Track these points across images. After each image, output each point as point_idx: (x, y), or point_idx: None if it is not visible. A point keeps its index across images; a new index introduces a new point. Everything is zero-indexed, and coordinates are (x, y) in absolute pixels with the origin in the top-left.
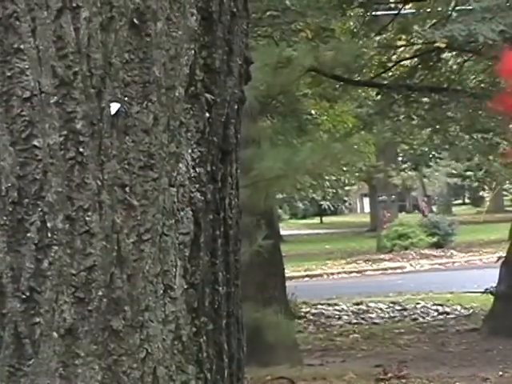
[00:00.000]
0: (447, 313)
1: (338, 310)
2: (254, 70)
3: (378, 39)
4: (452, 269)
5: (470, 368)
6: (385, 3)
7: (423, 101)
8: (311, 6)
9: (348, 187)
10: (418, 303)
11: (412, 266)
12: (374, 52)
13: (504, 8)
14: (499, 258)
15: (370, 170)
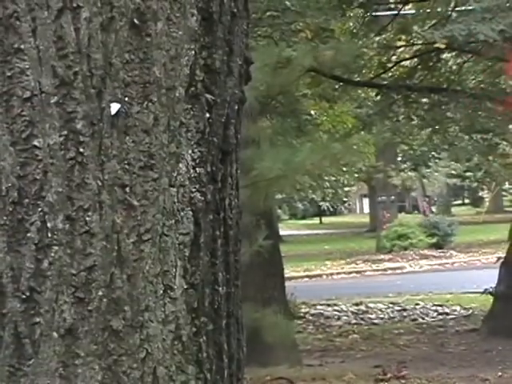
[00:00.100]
0: (447, 313)
1: (337, 310)
2: (253, 71)
3: (377, 40)
4: (451, 269)
5: (469, 368)
6: (384, 4)
7: (423, 101)
8: (311, 7)
9: (347, 188)
10: (417, 304)
11: (411, 266)
12: (373, 52)
13: (504, 8)
14: (498, 258)
15: (369, 170)
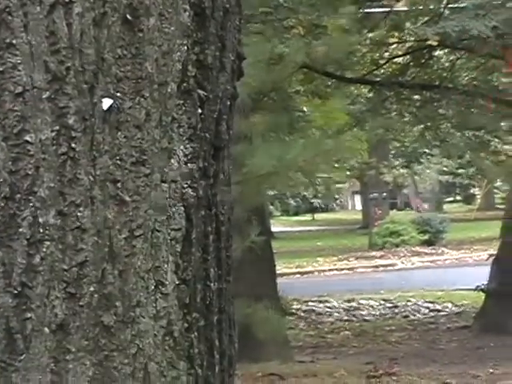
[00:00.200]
0: (438, 310)
1: (329, 307)
2: (246, 67)
3: (370, 36)
4: (443, 266)
5: (460, 365)
6: (377, 0)
7: (415, 98)
8: (303, 3)
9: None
10: (409, 300)
11: (403, 263)
12: (366, 49)
13: (496, 5)
14: (490, 255)
15: (361, 167)
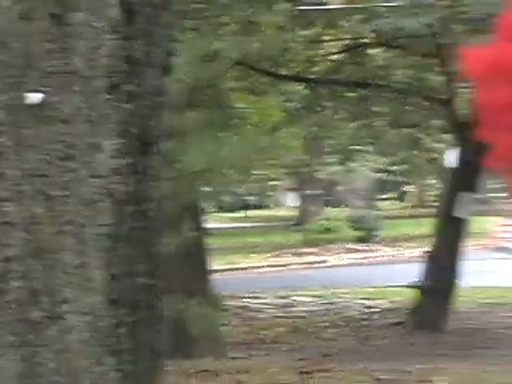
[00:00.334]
0: (372, 307)
1: (262, 303)
2: (180, 63)
3: (305, 34)
4: (377, 263)
5: (393, 361)
6: None
7: (350, 95)
8: (238, 0)
9: (275, 181)
10: (342, 297)
11: (337, 260)
12: (301, 46)
13: (431, 3)
14: (424, 252)
15: (296, 164)
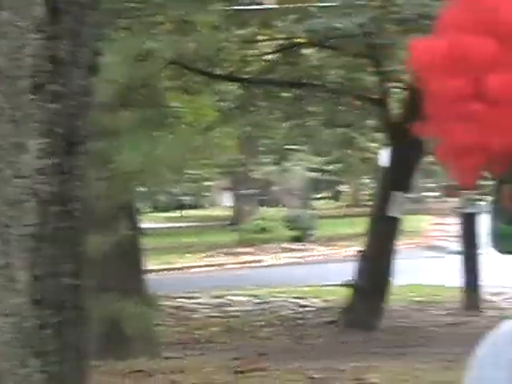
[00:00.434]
0: (306, 306)
1: (197, 303)
2: (113, 63)
3: (240, 33)
4: (312, 262)
5: (327, 360)
6: None
7: (284, 95)
8: None
9: (209, 181)
10: (277, 296)
11: (273, 259)
12: (235, 46)
13: (363, 4)
14: (357, 251)
15: (231, 163)
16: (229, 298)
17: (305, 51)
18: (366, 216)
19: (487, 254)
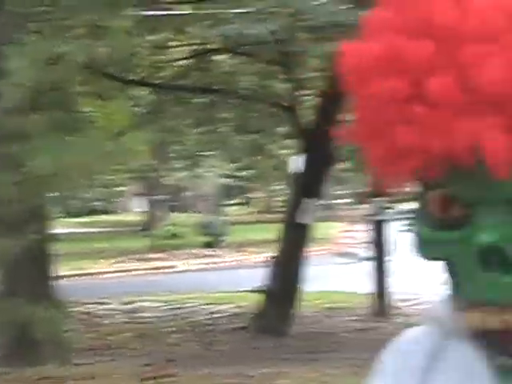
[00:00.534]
0: (217, 312)
1: (108, 309)
2: (22, 66)
3: (152, 39)
4: (223, 268)
5: (237, 366)
6: (162, 3)
7: (196, 101)
8: (83, 3)
9: (121, 187)
10: (188, 302)
11: (184, 265)
12: (147, 52)
13: (276, 11)
14: (270, 257)
15: (142, 169)
16: (140, 303)
17: (218, 57)
18: (279, 222)
19: (397, 260)
